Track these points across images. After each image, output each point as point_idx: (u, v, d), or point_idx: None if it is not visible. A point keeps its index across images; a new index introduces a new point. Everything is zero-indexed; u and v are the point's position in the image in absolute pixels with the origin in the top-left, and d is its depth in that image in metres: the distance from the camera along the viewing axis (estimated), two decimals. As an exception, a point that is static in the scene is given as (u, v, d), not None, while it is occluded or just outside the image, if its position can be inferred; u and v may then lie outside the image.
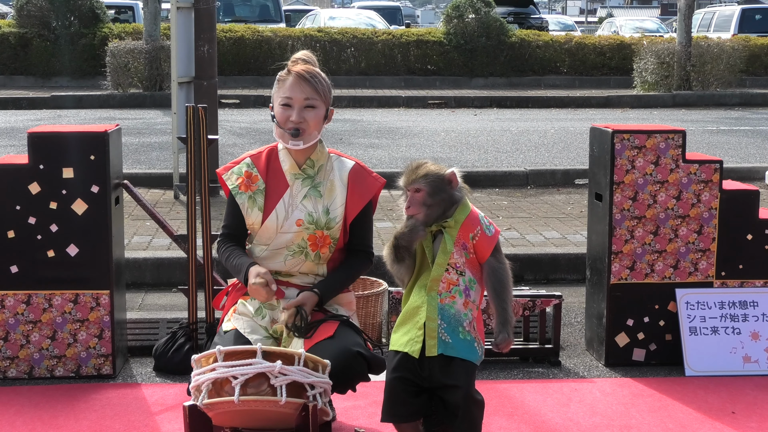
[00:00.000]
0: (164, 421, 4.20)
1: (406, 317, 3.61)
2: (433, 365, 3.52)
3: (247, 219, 3.91)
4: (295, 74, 3.85)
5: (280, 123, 3.85)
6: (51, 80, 20.24)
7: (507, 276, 3.65)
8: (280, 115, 3.86)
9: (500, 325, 3.61)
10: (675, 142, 4.87)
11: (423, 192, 3.56)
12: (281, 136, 3.88)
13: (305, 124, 3.83)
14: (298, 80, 3.84)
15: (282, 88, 3.87)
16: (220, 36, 19.30)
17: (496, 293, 3.63)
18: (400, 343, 3.58)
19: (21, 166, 4.62)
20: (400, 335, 3.60)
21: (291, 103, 3.84)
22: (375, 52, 21.25)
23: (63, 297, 4.67)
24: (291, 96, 3.84)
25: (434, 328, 3.53)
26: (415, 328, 3.55)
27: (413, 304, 3.59)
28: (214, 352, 3.36)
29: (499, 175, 10.09)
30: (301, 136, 3.83)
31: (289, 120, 3.83)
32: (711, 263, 4.94)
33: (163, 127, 14.07)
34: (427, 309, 3.55)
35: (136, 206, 8.01)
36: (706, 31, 25.48)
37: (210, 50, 8.97)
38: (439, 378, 3.51)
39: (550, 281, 6.73)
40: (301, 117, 3.83)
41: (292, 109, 3.84)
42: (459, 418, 3.50)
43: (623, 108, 18.00)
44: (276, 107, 3.89)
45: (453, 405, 3.50)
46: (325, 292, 3.84)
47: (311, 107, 3.85)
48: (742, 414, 4.35)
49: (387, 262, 3.62)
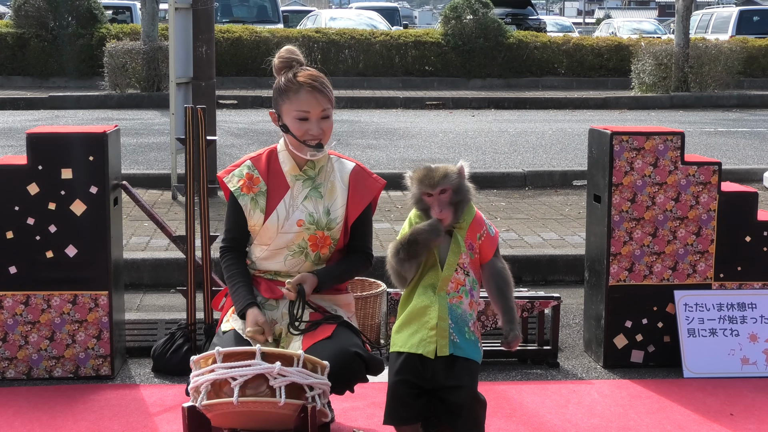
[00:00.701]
0: (163, 422, 4.20)
1: (410, 317, 3.58)
2: (437, 366, 3.51)
3: (250, 221, 3.91)
4: (308, 87, 3.80)
5: (299, 136, 3.82)
6: (48, 80, 20.22)
7: (510, 275, 3.68)
8: (297, 128, 3.82)
9: (509, 324, 3.62)
10: (674, 144, 4.87)
11: (449, 191, 3.55)
12: (299, 148, 3.85)
13: (324, 136, 3.84)
14: (312, 93, 3.80)
15: (295, 101, 3.81)
16: (217, 36, 19.26)
17: (502, 293, 3.65)
18: (409, 344, 3.54)
19: (20, 167, 4.61)
20: (406, 336, 3.56)
21: (308, 116, 3.81)
22: (373, 53, 21.25)
23: (62, 298, 4.67)
24: (308, 110, 3.80)
25: (445, 327, 3.53)
26: (426, 329, 3.53)
27: (420, 304, 3.55)
28: (212, 354, 3.36)
29: (497, 177, 10.09)
30: (322, 148, 3.84)
31: (308, 133, 3.81)
32: (709, 265, 4.94)
33: (161, 128, 14.07)
34: (438, 309, 3.53)
35: (134, 207, 8.01)
36: (704, 33, 25.51)
37: (208, 51, 8.97)
38: (443, 379, 3.50)
39: (548, 282, 6.73)
40: (320, 129, 3.82)
41: (310, 122, 3.81)
42: (463, 418, 3.50)
43: (621, 109, 18.01)
44: (290, 120, 3.83)
45: (457, 405, 3.49)
46: (325, 278, 3.82)
47: (327, 117, 3.85)
48: (740, 416, 4.36)
49: (392, 260, 3.54)
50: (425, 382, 3.53)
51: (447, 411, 3.54)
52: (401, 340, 3.57)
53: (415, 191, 3.59)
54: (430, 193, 3.55)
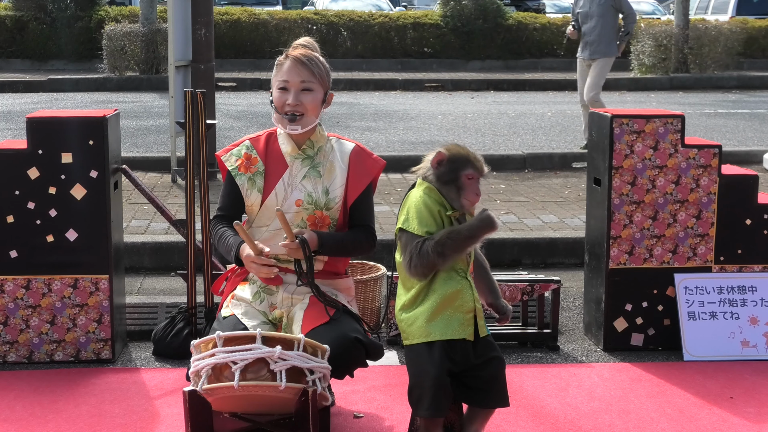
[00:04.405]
0: (163, 406, 4.21)
1: (443, 304, 3.51)
2: (466, 347, 3.52)
3: (247, 200, 3.91)
4: (292, 58, 3.85)
5: (278, 107, 3.84)
6: (47, 63, 20.18)
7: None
8: (277, 99, 3.85)
9: (500, 299, 3.72)
10: (674, 127, 4.87)
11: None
12: (279, 120, 3.87)
13: (302, 108, 3.82)
14: (295, 64, 3.84)
15: (279, 72, 3.87)
16: (216, 19, 19.21)
17: (487, 271, 3.75)
18: (451, 331, 3.49)
19: (20, 151, 4.61)
20: (442, 324, 3.50)
21: (287, 86, 3.83)
22: (371, 34, 21.20)
23: (62, 282, 4.67)
24: (288, 79, 3.83)
25: (480, 308, 3.58)
26: (461, 312, 3.52)
27: (451, 290, 3.51)
28: (213, 338, 3.37)
29: (497, 159, 10.08)
30: (298, 120, 3.83)
31: (285, 104, 3.83)
32: (710, 248, 4.94)
33: (160, 111, 14.05)
34: (473, 291, 3.55)
35: (133, 190, 8.01)
36: (703, 14, 25.43)
37: (207, 34, 8.95)
38: (473, 358, 3.52)
39: (548, 265, 6.73)
40: (298, 100, 3.82)
41: (289, 92, 3.83)
42: (494, 391, 3.55)
43: (620, 91, 17.99)
44: (274, 91, 3.89)
45: (491, 377, 3.53)
46: (326, 238, 3.79)
47: (308, 90, 3.84)
48: (740, 399, 4.36)
49: (432, 257, 3.43)
50: (455, 365, 3.52)
51: (478, 389, 3.55)
52: (438, 329, 3.50)
53: (455, 169, 3.53)
54: (474, 175, 3.54)
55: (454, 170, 3.54)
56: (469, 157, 3.56)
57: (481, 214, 3.49)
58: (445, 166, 3.55)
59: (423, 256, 3.45)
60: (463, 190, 3.53)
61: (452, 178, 3.54)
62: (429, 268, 3.48)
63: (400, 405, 4.12)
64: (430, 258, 3.44)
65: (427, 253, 3.44)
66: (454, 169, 3.54)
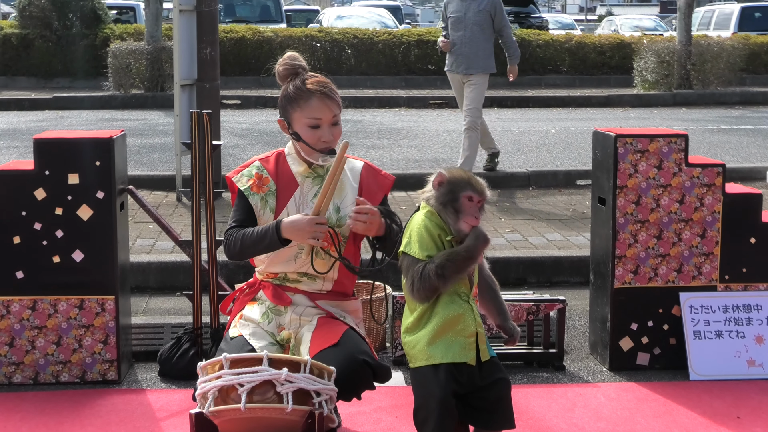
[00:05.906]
0: (169, 428, 4.21)
1: (444, 328, 3.51)
2: (472, 370, 3.52)
3: (259, 221, 3.92)
4: (318, 93, 3.86)
5: (312, 144, 3.86)
6: (53, 81, 20.22)
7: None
8: (309, 136, 3.86)
9: (509, 321, 3.72)
10: (678, 146, 4.88)
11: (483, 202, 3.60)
12: (310, 154, 3.90)
13: (335, 141, 3.89)
14: (323, 99, 3.86)
15: (306, 109, 3.86)
16: (221, 36, 19.20)
17: (496, 293, 3.74)
18: (451, 354, 3.49)
19: (27, 172, 4.63)
20: (443, 347, 3.50)
21: (320, 123, 3.86)
22: (375, 52, 21.23)
23: (68, 302, 4.68)
24: (320, 116, 3.86)
25: (483, 333, 3.58)
26: (462, 336, 3.51)
27: (452, 313, 3.51)
28: (219, 360, 3.37)
29: (501, 177, 10.09)
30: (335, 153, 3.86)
31: (320, 140, 3.86)
32: (714, 267, 4.95)
33: (165, 129, 14.07)
34: (474, 316, 3.55)
35: (139, 208, 8.01)
36: (706, 30, 25.47)
37: (212, 53, 8.98)
38: (479, 380, 3.52)
39: (553, 284, 6.72)
40: (332, 135, 3.88)
41: (322, 129, 3.86)
42: (499, 413, 3.54)
43: (624, 107, 18.01)
44: (301, 128, 3.87)
45: (497, 399, 3.53)
46: (387, 212, 3.84)
47: (337, 123, 3.91)
48: (747, 419, 4.36)
49: (434, 280, 3.44)
50: (461, 387, 3.51)
51: (483, 410, 3.55)
52: (439, 351, 3.50)
53: (454, 190, 3.54)
54: (474, 197, 3.54)
55: (453, 191, 3.54)
56: (470, 179, 3.57)
57: (473, 231, 3.50)
58: (444, 187, 3.57)
59: (425, 280, 3.46)
60: (462, 213, 3.52)
61: (451, 200, 3.54)
62: (431, 291, 3.48)
63: (406, 426, 4.11)
64: (431, 281, 3.45)
65: (428, 277, 3.45)
66: (453, 190, 3.55)
